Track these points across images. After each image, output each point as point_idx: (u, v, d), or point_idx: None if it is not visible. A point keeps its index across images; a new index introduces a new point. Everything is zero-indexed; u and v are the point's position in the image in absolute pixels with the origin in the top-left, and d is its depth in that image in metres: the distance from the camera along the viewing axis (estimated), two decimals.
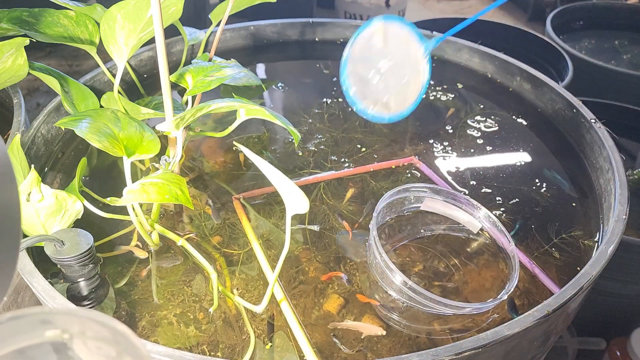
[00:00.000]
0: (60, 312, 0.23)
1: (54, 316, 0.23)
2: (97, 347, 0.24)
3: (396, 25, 0.56)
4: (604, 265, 0.52)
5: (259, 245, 0.60)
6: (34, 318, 0.23)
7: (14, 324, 0.23)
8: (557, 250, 0.62)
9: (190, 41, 0.84)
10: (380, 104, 0.57)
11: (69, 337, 0.24)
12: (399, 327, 0.53)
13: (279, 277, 0.57)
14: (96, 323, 0.23)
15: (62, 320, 0.24)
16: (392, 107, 0.57)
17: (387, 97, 0.57)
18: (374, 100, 0.57)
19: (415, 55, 0.56)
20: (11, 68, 0.61)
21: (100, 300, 0.54)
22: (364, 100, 0.57)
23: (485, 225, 0.63)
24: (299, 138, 0.63)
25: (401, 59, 0.57)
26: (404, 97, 0.57)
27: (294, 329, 0.51)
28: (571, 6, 1.70)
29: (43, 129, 0.69)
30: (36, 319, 0.23)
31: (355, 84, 0.57)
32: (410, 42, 0.56)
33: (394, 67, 0.57)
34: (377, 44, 0.57)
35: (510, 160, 0.76)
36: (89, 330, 0.24)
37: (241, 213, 0.64)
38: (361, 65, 0.58)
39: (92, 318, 0.23)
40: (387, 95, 0.57)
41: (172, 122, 0.55)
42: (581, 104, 0.76)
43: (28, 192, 0.51)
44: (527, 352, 0.53)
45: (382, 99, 0.57)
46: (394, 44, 0.57)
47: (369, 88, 0.58)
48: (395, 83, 0.58)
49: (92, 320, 0.23)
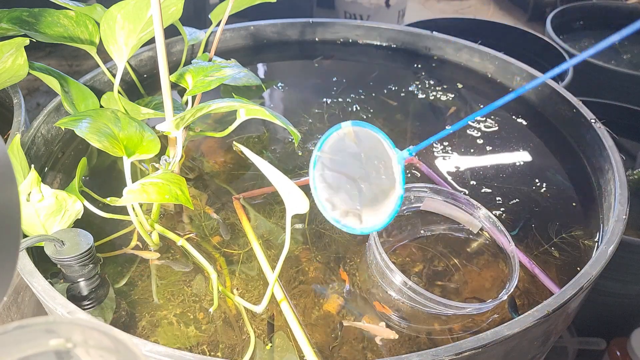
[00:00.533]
0: (64, 321, 0.24)
1: (58, 325, 0.24)
2: (99, 355, 0.24)
3: (367, 132, 0.51)
4: (604, 265, 0.52)
5: (259, 245, 0.60)
6: (39, 327, 0.23)
7: (19, 333, 0.23)
8: (557, 250, 0.62)
9: (190, 41, 0.84)
10: (353, 214, 0.52)
11: (72, 346, 0.24)
12: (399, 327, 0.53)
13: (279, 277, 0.57)
14: (98, 332, 0.24)
15: (66, 330, 0.24)
16: (366, 219, 0.50)
17: (360, 207, 0.52)
18: (346, 211, 0.52)
19: (388, 164, 0.51)
20: (11, 68, 0.61)
21: (100, 300, 0.54)
22: (334, 210, 0.52)
23: (485, 225, 0.63)
24: (299, 138, 0.63)
25: (374, 166, 0.53)
26: (380, 206, 0.51)
27: (294, 329, 0.51)
28: (571, 6, 1.70)
29: (43, 129, 0.69)
30: (41, 328, 0.24)
31: (325, 191, 0.52)
32: (381, 149, 0.51)
33: (368, 174, 0.53)
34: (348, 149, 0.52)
35: (510, 160, 0.76)
36: (92, 339, 0.24)
37: (241, 213, 0.64)
38: (330, 172, 0.52)
39: (95, 327, 0.24)
40: (360, 204, 0.52)
41: (172, 122, 0.55)
42: (581, 104, 0.76)
43: (28, 192, 0.51)
44: (527, 352, 0.53)
45: (355, 209, 0.52)
46: (366, 150, 0.53)
47: (339, 196, 0.52)
48: (369, 192, 0.53)
49: (94, 330, 0.24)
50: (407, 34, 1.00)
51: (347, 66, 0.99)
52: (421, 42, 1.00)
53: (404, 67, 0.98)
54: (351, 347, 0.51)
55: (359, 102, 0.87)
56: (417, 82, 0.93)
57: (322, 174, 0.51)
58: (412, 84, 0.93)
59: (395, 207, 0.49)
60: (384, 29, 1.01)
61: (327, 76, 0.95)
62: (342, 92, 0.90)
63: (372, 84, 0.92)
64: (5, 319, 0.67)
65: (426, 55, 1.00)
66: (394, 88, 0.91)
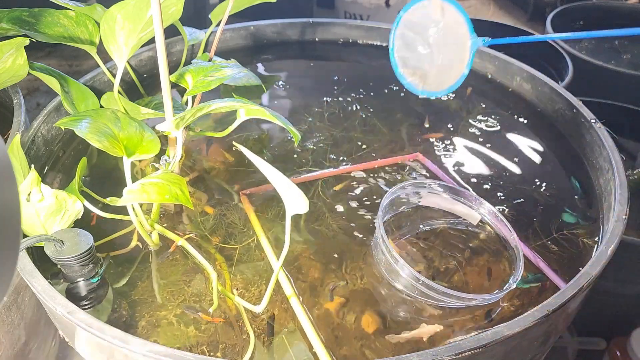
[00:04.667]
0: None
1: None
2: None
3: (453, 9, 0.57)
4: (604, 265, 0.52)
5: (267, 240, 0.60)
6: None
7: None
8: (557, 250, 0.62)
9: (190, 41, 0.84)
10: (419, 75, 0.58)
11: None
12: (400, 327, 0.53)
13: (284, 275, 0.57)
14: None
15: None
16: (429, 83, 0.57)
17: (428, 70, 0.58)
18: (414, 70, 0.58)
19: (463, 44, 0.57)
20: (11, 68, 0.61)
21: (100, 300, 0.54)
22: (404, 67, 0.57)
23: (487, 219, 0.63)
24: (299, 138, 0.63)
25: (450, 40, 0.58)
26: (443, 77, 0.58)
27: (304, 323, 0.52)
28: (571, 6, 1.70)
29: (43, 129, 0.69)
30: None
31: (401, 49, 0.58)
32: (461, 29, 0.57)
33: (442, 45, 0.59)
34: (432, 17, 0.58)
35: (511, 160, 0.76)
36: None
37: (249, 208, 0.64)
38: (411, 33, 0.58)
39: None
40: (428, 68, 0.58)
41: (172, 122, 0.55)
42: (581, 104, 0.76)
43: (28, 192, 0.51)
44: (527, 352, 0.53)
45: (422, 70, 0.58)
46: (447, 24, 0.58)
47: (413, 56, 0.58)
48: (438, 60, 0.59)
49: None
50: None
51: (347, 66, 0.99)
52: None
53: None
54: (351, 347, 0.51)
55: (359, 101, 0.87)
56: None
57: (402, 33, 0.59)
58: None
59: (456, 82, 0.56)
60: (384, 29, 1.01)
61: (327, 76, 0.95)
62: (343, 91, 0.90)
63: (372, 83, 0.92)
64: (5, 318, 0.67)
65: None
66: (394, 88, 0.91)
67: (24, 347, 0.73)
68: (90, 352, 0.51)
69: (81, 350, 0.52)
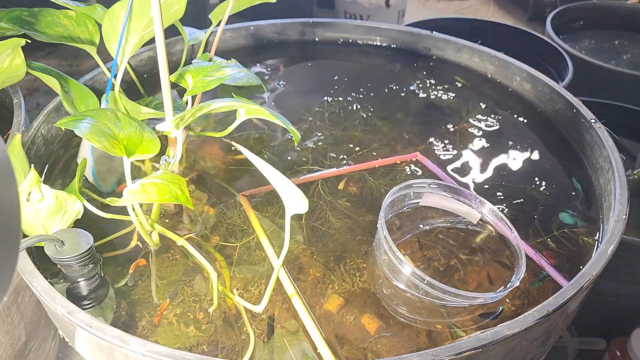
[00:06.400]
0: None
1: None
2: None
3: None
4: (604, 265, 0.52)
5: (267, 240, 0.60)
6: None
7: None
8: (557, 250, 0.62)
9: (190, 41, 0.84)
10: None
11: None
12: (401, 326, 0.53)
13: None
14: None
15: None
16: None
17: None
18: None
19: None
20: (9, 68, 0.61)
21: (100, 300, 0.54)
22: None
23: (488, 218, 0.63)
24: (299, 138, 0.63)
25: None
26: None
27: (306, 322, 0.52)
28: (571, 6, 1.70)
29: (43, 129, 0.69)
30: None
31: None
32: None
33: None
34: None
35: (511, 160, 0.76)
36: None
37: (249, 209, 0.64)
38: None
39: None
40: None
41: (172, 122, 0.55)
42: (581, 104, 0.76)
43: (28, 192, 0.51)
44: (527, 352, 0.53)
45: None
46: None
47: None
48: None
49: None
50: (407, 34, 1.00)
51: (347, 66, 0.99)
52: (421, 42, 1.00)
53: (404, 67, 0.98)
54: (351, 347, 0.51)
55: (359, 101, 0.87)
56: (418, 81, 0.93)
57: None
58: (413, 83, 0.93)
59: None
60: (384, 29, 1.01)
61: (327, 76, 0.95)
62: (343, 91, 0.90)
63: (372, 83, 0.92)
64: (5, 318, 0.67)
65: (426, 55, 1.00)
66: (394, 87, 0.91)
67: (24, 347, 0.73)
68: (90, 352, 0.51)
69: (81, 350, 0.52)
